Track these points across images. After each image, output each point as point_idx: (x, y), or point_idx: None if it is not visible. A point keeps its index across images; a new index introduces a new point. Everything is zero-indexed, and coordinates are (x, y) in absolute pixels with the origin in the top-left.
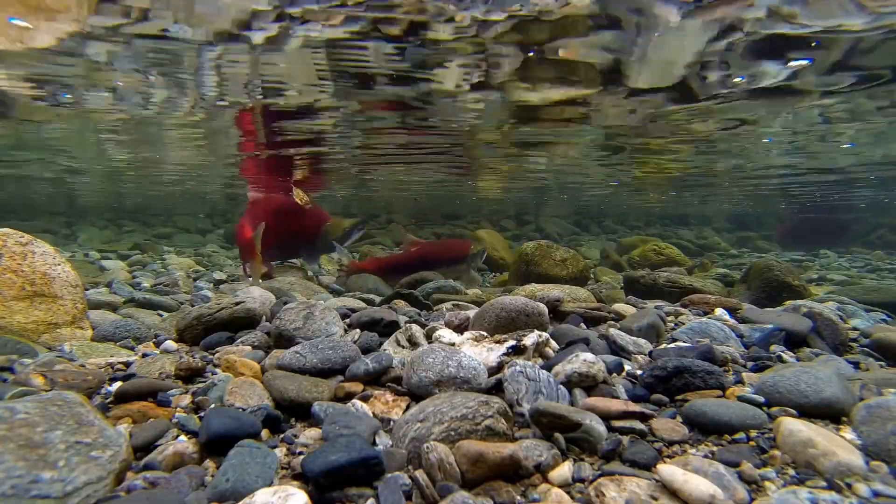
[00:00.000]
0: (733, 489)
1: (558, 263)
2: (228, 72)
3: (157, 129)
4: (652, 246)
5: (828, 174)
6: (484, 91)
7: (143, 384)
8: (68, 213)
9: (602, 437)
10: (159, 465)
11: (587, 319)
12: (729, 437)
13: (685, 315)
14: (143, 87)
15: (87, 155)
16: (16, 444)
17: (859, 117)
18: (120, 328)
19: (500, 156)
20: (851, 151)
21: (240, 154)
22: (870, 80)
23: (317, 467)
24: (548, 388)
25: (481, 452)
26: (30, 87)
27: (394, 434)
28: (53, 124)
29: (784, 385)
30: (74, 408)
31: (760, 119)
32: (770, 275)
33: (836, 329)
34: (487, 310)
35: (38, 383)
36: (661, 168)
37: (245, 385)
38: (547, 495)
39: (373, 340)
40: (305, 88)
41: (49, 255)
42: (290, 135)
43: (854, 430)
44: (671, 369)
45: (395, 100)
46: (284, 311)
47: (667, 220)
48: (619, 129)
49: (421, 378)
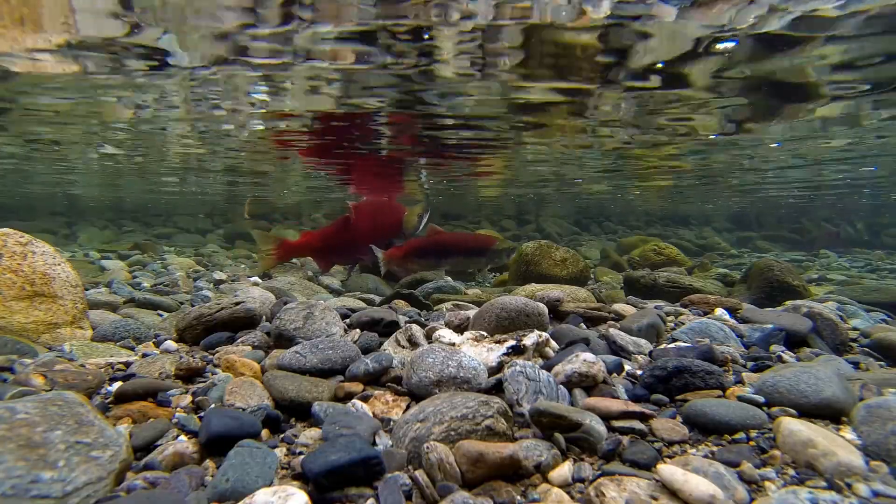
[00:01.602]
0: (733, 489)
1: (558, 263)
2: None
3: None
4: (652, 246)
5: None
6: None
7: (143, 384)
8: (68, 213)
9: (602, 437)
10: (159, 465)
11: (587, 319)
12: (729, 437)
13: (685, 315)
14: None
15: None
16: (16, 444)
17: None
18: (120, 328)
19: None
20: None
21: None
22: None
23: (317, 467)
24: (548, 388)
25: (481, 452)
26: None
27: (394, 434)
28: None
29: (784, 385)
30: (74, 408)
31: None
32: (770, 275)
33: (836, 329)
34: (487, 310)
35: (38, 383)
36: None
37: (245, 385)
38: (547, 495)
39: (373, 340)
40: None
41: (49, 255)
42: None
43: (854, 430)
44: (671, 369)
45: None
46: (284, 311)
47: (667, 220)
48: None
49: (421, 378)
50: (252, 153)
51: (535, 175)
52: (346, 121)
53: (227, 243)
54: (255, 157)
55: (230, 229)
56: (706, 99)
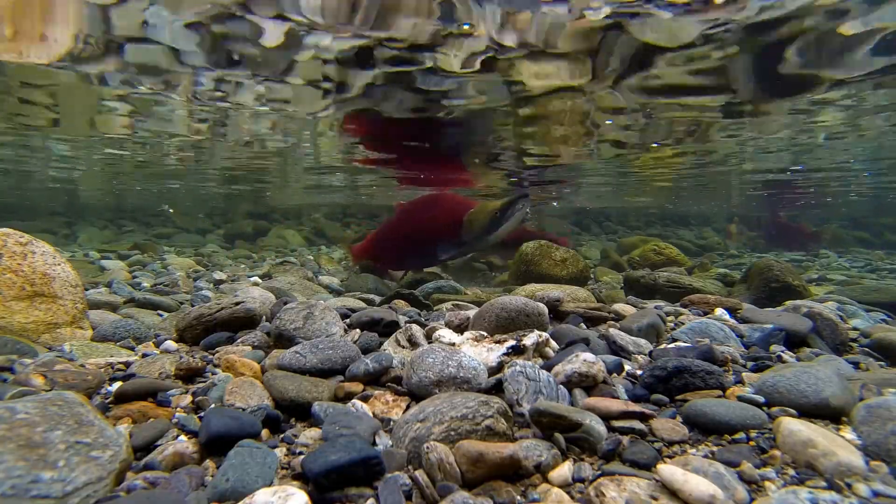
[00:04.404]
0: (733, 489)
1: (558, 263)
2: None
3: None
4: (652, 246)
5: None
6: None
7: (143, 384)
8: (68, 213)
9: (602, 437)
10: (159, 465)
11: (587, 319)
12: (729, 437)
13: (685, 315)
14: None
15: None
16: (16, 444)
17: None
18: (120, 328)
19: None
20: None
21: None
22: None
23: (317, 467)
24: (548, 388)
25: (481, 452)
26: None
27: (394, 434)
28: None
29: (784, 385)
30: (74, 408)
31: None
32: (770, 275)
33: (836, 329)
34: (487, 310)
35: (38, 383)
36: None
37: (245, 385)
38: (547, 495)
39: (373, 340)
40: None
41: (49, 255)
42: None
43: (854, 430)
44: (671, 369)
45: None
46: (284, 311)
47: (667, 220)
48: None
49: (421, 378)
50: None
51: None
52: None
53: (226, 243)
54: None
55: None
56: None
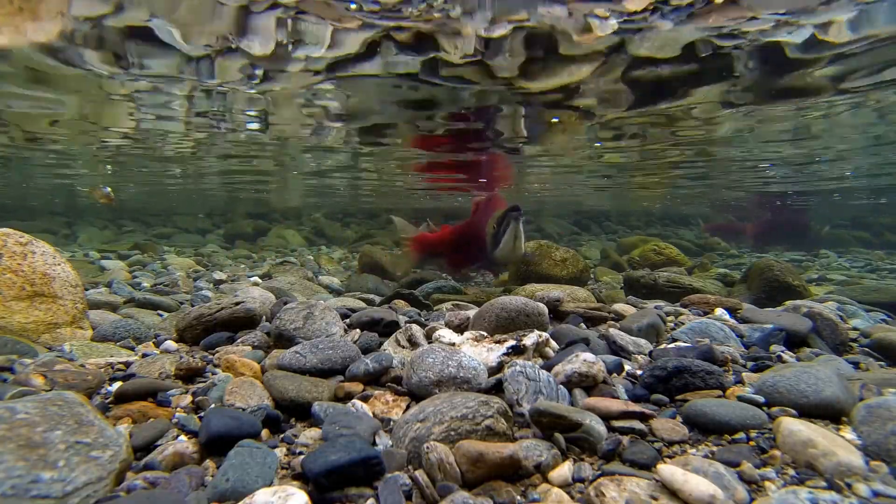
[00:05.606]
0: (733, 489)
1: (558, 263)
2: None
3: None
4: (652, 246)
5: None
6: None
7: (143, 384)
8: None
9: (602, 437)
10: (159, 465)
11: (587, 319)
12: (729, 437)
13: (685, 315)
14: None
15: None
16: (16, 444)
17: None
18: (120, 328)
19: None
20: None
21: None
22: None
23: (317, 467)
24: (548, 388)
25: (481, 452)
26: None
27: (394, 434)
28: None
29: (784, 385)
30: (74, 408)
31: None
32: (770, 275)
33: (836, 329)
34: (487, 310)
35: (38, 383)
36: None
37: (245, 385)
38: (547, 495)
39: (373, 340)
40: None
41: (49, 255)
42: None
43: (854, 430)
44: (671, 369)
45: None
46: (284, 311)
47: (667, 220)
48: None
49: (421, 378)
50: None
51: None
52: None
53: (226, 243)
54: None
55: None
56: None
